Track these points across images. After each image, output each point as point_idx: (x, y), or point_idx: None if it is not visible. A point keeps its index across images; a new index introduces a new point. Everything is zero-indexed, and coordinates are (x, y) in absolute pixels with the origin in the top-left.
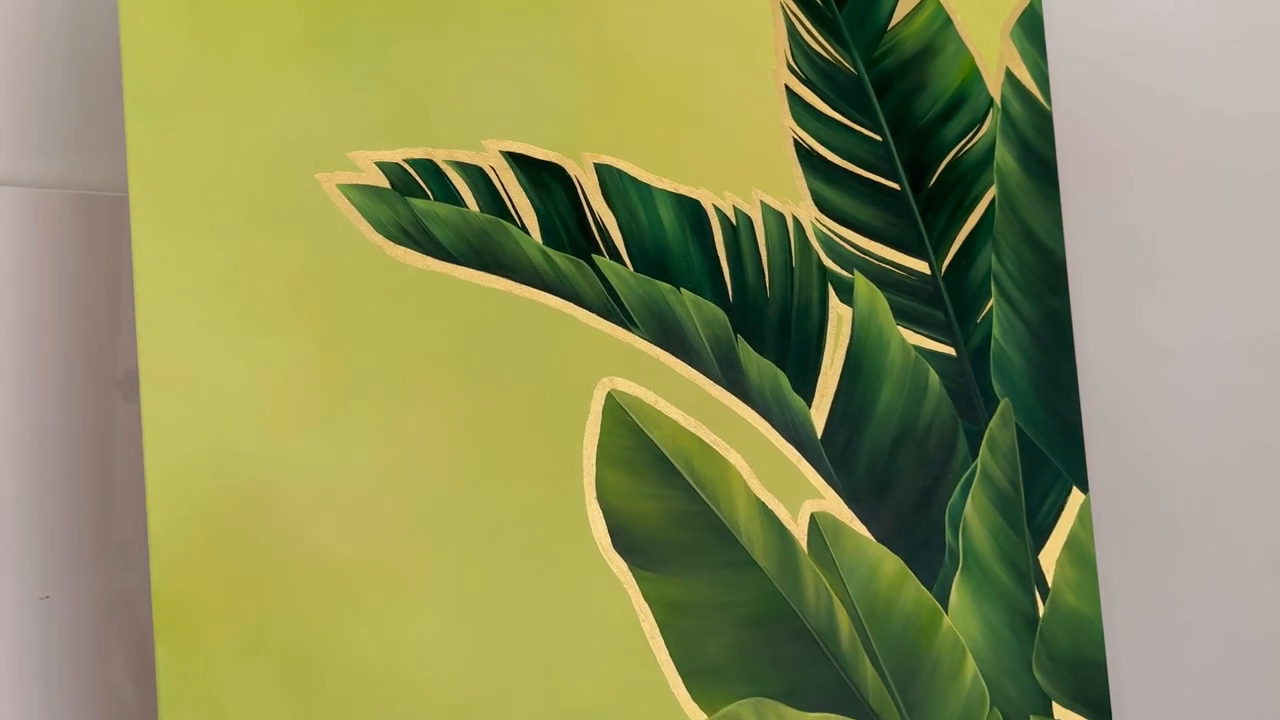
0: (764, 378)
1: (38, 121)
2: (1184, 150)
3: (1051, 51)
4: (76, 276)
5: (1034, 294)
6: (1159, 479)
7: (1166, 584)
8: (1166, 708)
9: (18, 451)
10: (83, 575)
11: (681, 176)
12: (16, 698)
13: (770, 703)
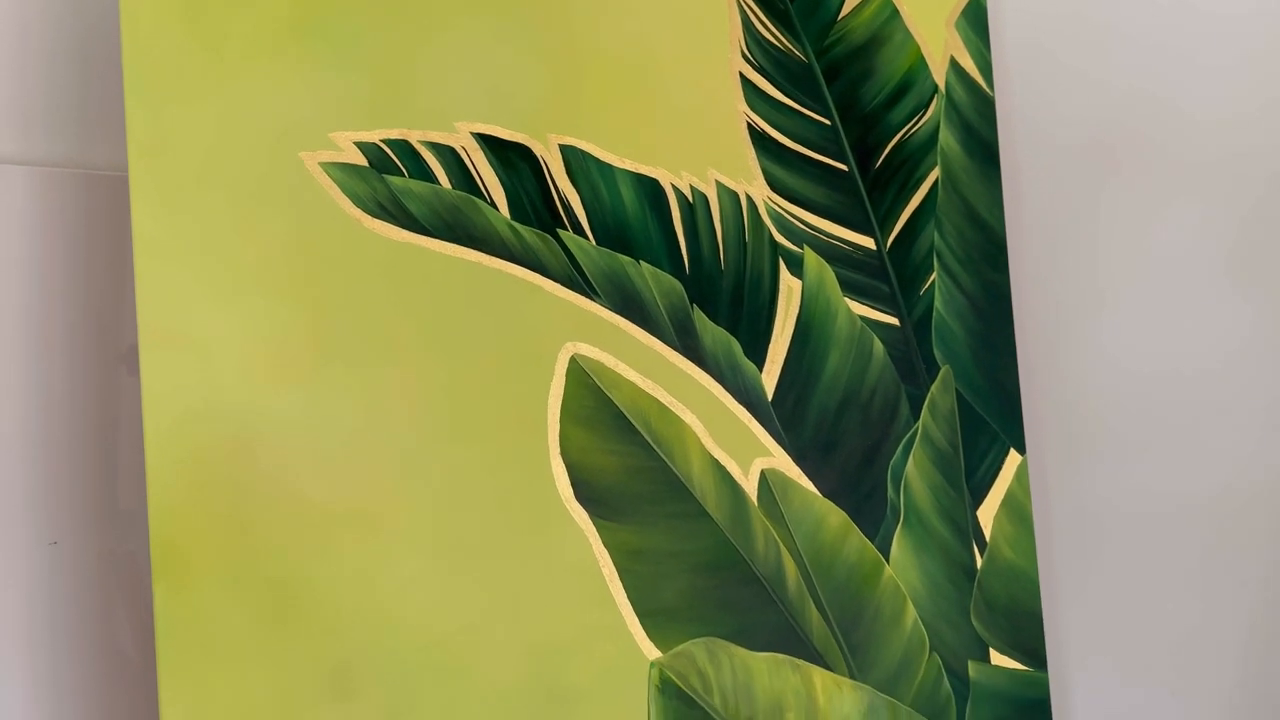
0: (718, 344)
1: (43, 104)
2: (1128, 134)
3: (1004, 39)
4: (81, 254)
5: (974, 268)
6: (1094, 440)
7: (1101, 540)
8: (1100, 655)
9: (27, 422)
10: (88, 538)
11: (641, 157)
12: (22, 643)
13: (721, 643)
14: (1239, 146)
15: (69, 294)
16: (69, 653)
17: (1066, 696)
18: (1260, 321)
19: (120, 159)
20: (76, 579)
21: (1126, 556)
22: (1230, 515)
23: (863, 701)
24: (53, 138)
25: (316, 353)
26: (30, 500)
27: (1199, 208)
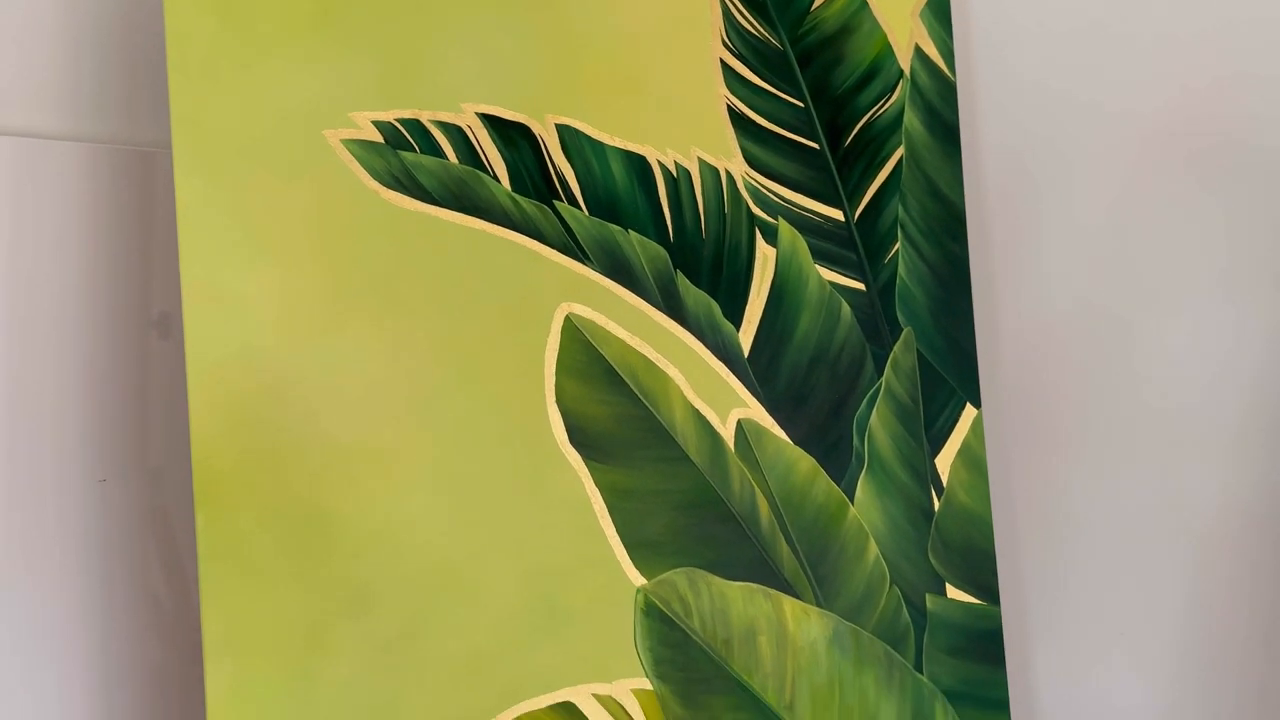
0: (699, 306)
1: (91, 86)
2: (1083, 115)
3: (968, 28)
4: (116, 225)
5: (935, 239)
6: (1045, 397)
7: (1051, 486)
8: (1049, 591)
9: (66, 383)
10: (122, 493)
11: (630, 136)
12: (73, 582)
13: (700, 572)
14: (1188, 122)
15: (107, 264)
16: (108, 600)
17: (1024, 629)
18: (1204, 275)
19: (152, 136)
20: (116, 529)
21: (1082, 502)
22: (1175, 460)
23: (828, 628)
24: (99, 116)
25: (339, 308)
26: (83, 441)
27: (1148, 182)
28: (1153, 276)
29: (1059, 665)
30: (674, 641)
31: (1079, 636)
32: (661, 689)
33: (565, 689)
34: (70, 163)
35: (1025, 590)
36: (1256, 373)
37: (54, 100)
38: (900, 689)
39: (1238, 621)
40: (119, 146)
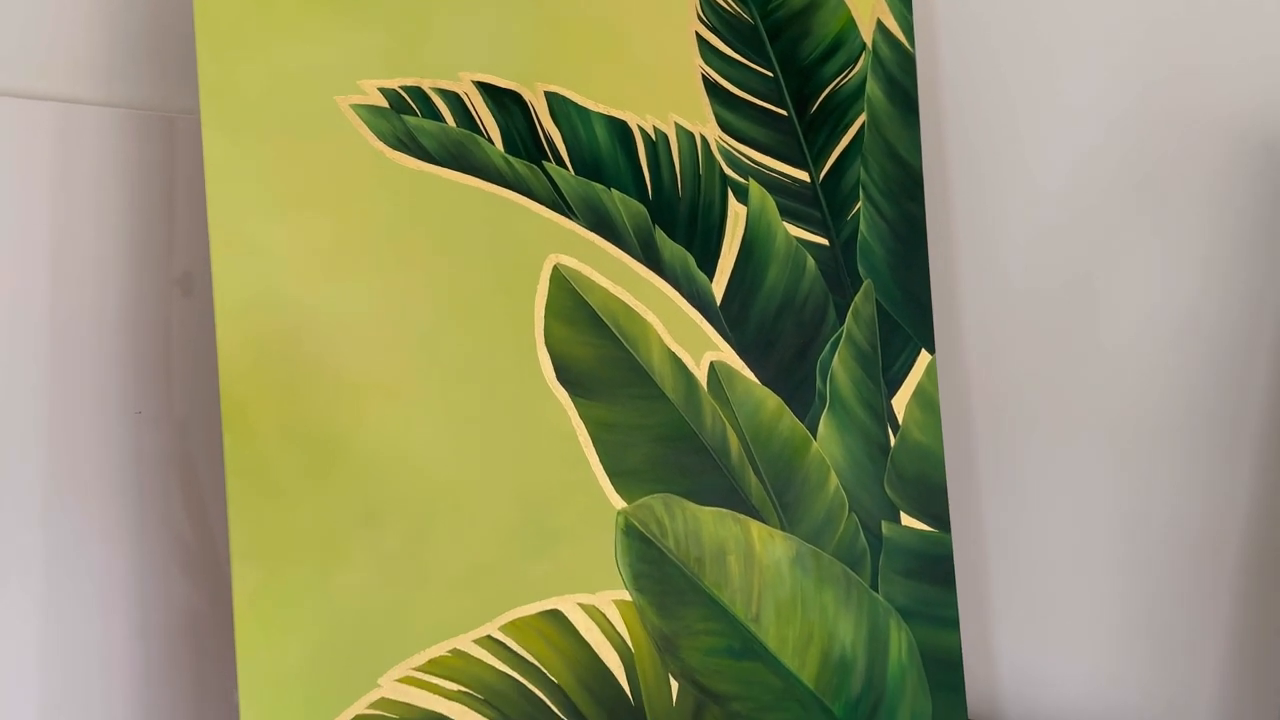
0: (675, 258)
1: (123, 54)
2: (1032, 82)
3: (935, 2)
4: (142, 188)
5: (894, 199)
6: (999, 347)
7: (1005, 424)
8: (997, 519)
9: (98, 335)
10: (149, 441)
11: (613, 102)
12: (112, 507)
13: (675, 498)
14: (1141, 91)
15: (136, 222)
16: (139, 541)
17: (981, 553)
18: (1150, 237)
19: (178, 103)
20: (144, 473)
21: (1034, 436)
22: (1117, 399)
23: (791, 549)
24: (129, 84)
25: (349, 257)
26: (120, 380)
27: (1093, 141)
28: (1102, 235)
29: (1013, 587)
30: (651, 559)
31: (1032, 559)
32: (640, 600)
33: (553, 598)
34: (104, 127)
35: (982, 519)
36: (1197, 319)
37: (89, 68)
38: (857, 606)
39: (1176, 534)
40: (144, 111)
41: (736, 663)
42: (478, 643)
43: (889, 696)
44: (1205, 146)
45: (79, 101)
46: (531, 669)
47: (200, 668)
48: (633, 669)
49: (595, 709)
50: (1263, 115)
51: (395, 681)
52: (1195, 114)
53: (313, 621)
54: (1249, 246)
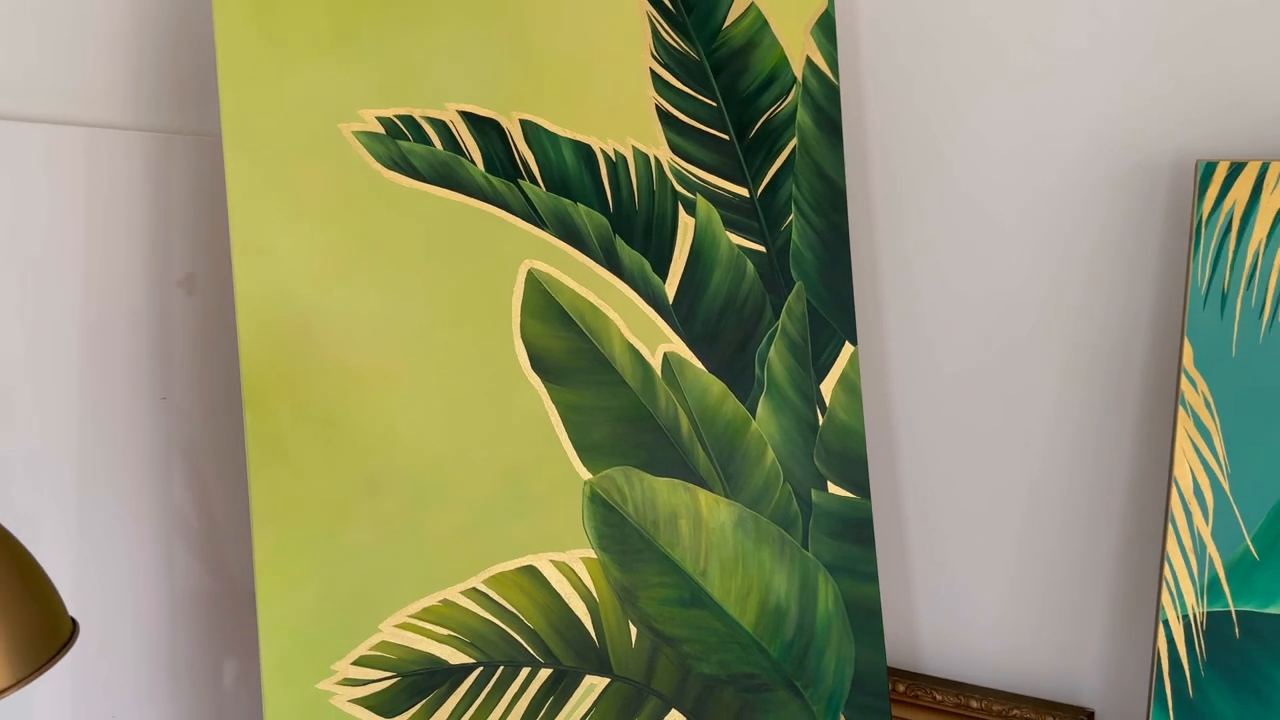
0: (633, 263)
1: (146, 87)
2: (943, 113)
3: (857, 42)
4: (149, 202)
5: (822, 212)
6: (917, 340)
7: (914, 408)
8: (913, 489)
9: (109, 329)
10: (151, 425)
11: (579, 128)
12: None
13: (634, 470)
14: (1023, 118)
15: (141, 232)
16: (136, 514)
17: (900, 518)
18: (1044, 245)
19: (169, 123)
20: (151, 458)
21: (944, 416)
22: (1018, 385)
23: (734, 514)
24: (157, 109)
25: (352, 261)
26: (140, 373)
27: (994, 162)
28: (1003, 242)
29: (928, 548)
30: (613, 522)
31: (944, 523)
32: (603, 557)
33: (529, 556)
34: (121, 148)
35: (900, 489)
36: (1085, 317)
37: (118, 98)
38: (790, 562)
39: (1067, 503)
40: (146, 133)
41: (686, 611)
42: (464, 594)
43: (818, 640)
44: (1088, 168)
45: (99, 125)
46: (511, 616)
47: (214, 633)
48: (598, 616)
49: (565, 650)
50: (1135, 142)
51: (394, 627)
52: (1080, 140)
53: (322, 575)
54: (1125, 254)
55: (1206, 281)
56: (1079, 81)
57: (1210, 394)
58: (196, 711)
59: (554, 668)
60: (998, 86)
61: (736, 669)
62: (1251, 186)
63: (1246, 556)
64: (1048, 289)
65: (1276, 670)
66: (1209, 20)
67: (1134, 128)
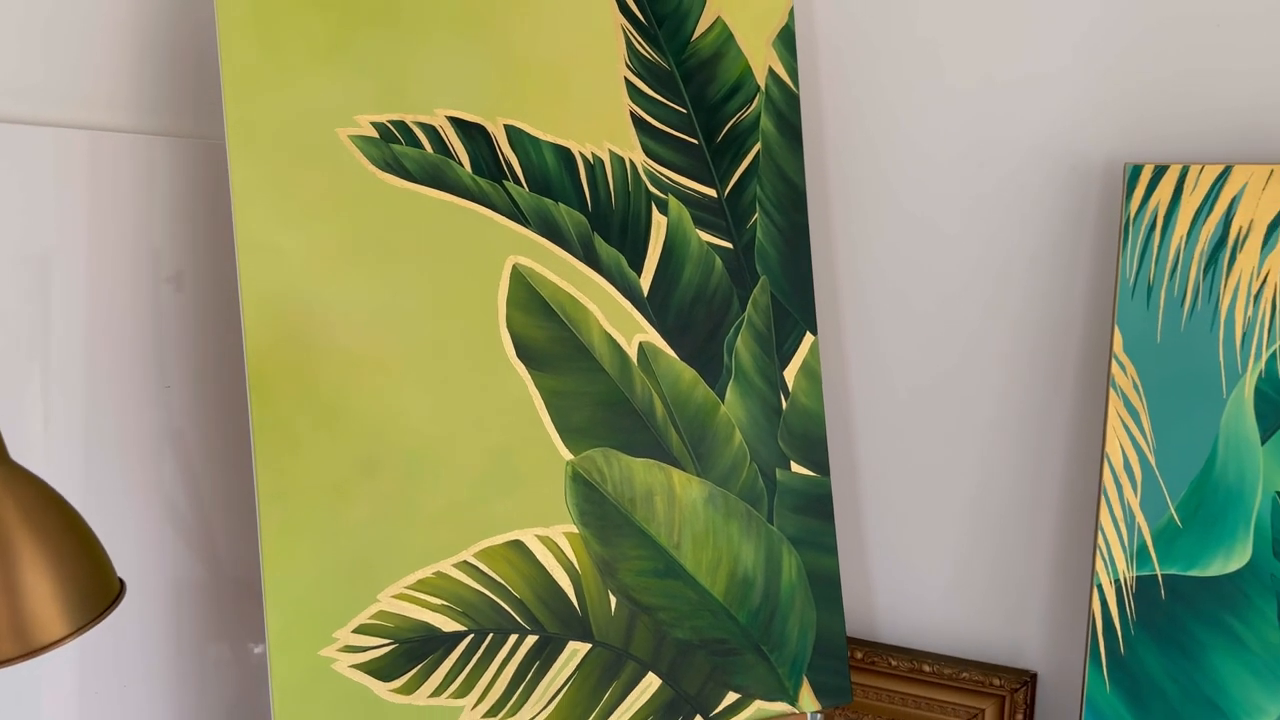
0: (610, 259)
1: (158, 92)
2: (893, 120)
3: (816, 53)
4: (144, 203)
5: (784, 211)
6: (872, 330)
7: (870, 393)
8: (870, 468)
9: (102, 324)
10: (144, 417)
11: (559, 133)
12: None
13: (613, 451)
14: (968, 123)
15: (144, 232)
16: (128, 506)
17: (856, 488)
18: (987, 243)
19: (189, 130)
20: (135, 451)
21: (898, 401)
22: (966, 374)
23: (705, 491)
24: (158, 114)
25: (350, 257)
26: (145, 357)
27: (940, 165)
28: (950, 241)
29: (883, 524)
30: (593, 499)
31: (898, 501)
32: (584, 532)
33: (516, 531)
34: (133, 152)
35: (857, 468)
36: (1026, 309)
37: (121, 103)
38: (757, 535)
39: (1012, 482)
40: (148, 137)
41: (661, 581)
42: (456, 566)
43: (782, 607)
44: (1027, 169)
45: (103, 129)
46: (499, 587)
47: (210, 617)
48: (580, 587)
49: (550, 618)
50: (1070, 148)
51: (391, 597)
52: (1020, 146)
53: (323, 549)
54: (1061, 250)
55: (1134, 275)
56: (1017, 93)
57: (1138, 377)
58: (200, 684)
59: (540, 635)
60: (943, 97)
61: (708, 634)
62: (1173, 188)
63: (1171, 525)
64: (991, 282)
65: (1198, 627)
66: (1138, 38)
67: (1069, 135)
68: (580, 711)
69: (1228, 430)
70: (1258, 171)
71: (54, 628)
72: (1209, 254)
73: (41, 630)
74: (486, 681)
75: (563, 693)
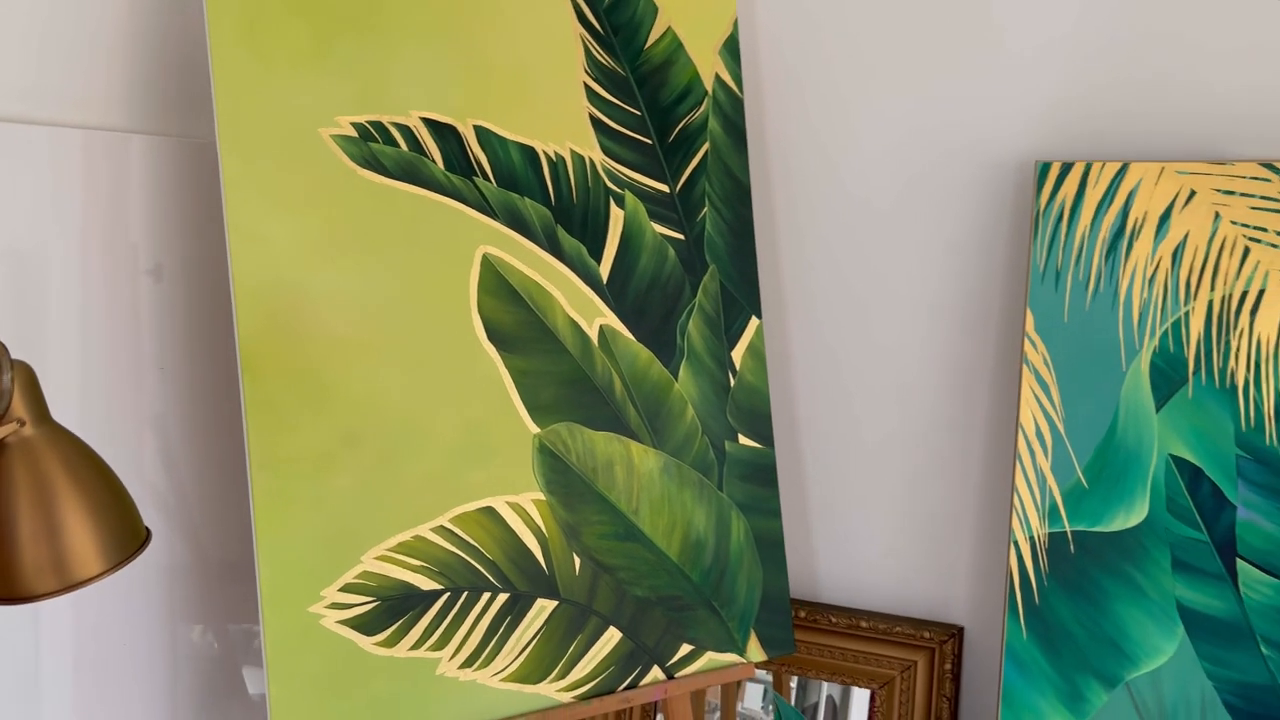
0: (573, 249)
1: (150, 92)
2: (833, 120)
3: (757, 60)
4: (108, 196)
5: (731, 206)
6: (812, 314)
7: (811, 371)
8: (811, 441)
9: (83, 317)
10: (125, 398)
11: (524, 134)
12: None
13: (576, 425)
14: (898, 125)
15: (119, 227)
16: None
17: (799, 460)
18: (912, 239)
19: (178, 130)
20: (121, 436)
21: (837, 379)
22: (898, 354)
23: (660, 461)
24: (149, 115)
25: (333, 247)
26: (134, 345)
27: (873, 164)
28: (882, 235)
29: (825, 491)
30: (559, 469)
31: (837, 470)
32: (551, 499)
33: (488, 498)
34: (127, 150)
35: (799, 441)
36: (949, 299)
37: (113, 104)
38: (708, 502)
39: (940, 450)
40: (139, 136)
41: (621, 544)
42: (433, 530)
43: (731, 567)
44: (952, 167)
45: (95, 128)
46: (473, 549)
47: (191, 598)
48: (547, 549)
49: (520, 578)
50: (989, 146)
51: (373, 559)
52: (942, 145)
53: (311, 515)
54: (981, 238)
55: (1044, 261)
56: (942, 94)
57: (1048, 353)
58: (184, 662)
59: (510, 592)
60: (877, 101)
61: (664, 592)
62: (1078, 183)
63: (1078, 486)
64: (918, 269)
65: (1103, 577)
66: (1048, 44)
67: (987, 133)
68: (548, 662)
69: (1127, 400)
70: (1151, 168)
71: (91, 565)
72: (1109, 242)
73: (80, 568)
74: (462, 635)
75: (532, 645)
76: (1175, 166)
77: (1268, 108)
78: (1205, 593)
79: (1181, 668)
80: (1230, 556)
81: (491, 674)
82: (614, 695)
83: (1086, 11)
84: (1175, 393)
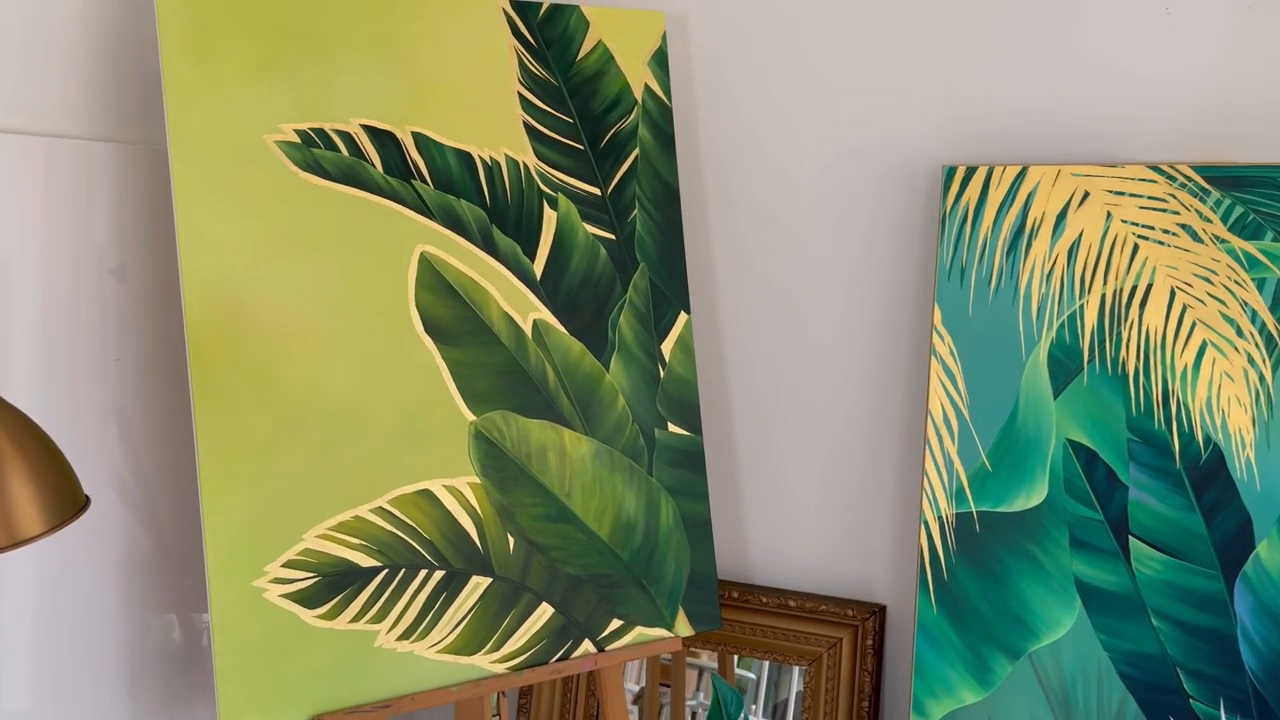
0: (508, 248)
1: (95, 102)
2: (763, 125)
3: (689, 69)
4: (86, 202)
5: (660, 208)
6: (741, 308)
7: (741, 364)
8: (741, 430)
9: (45, 317)
10: (88, 391)
11: (461, 139)
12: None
13: (510, 413)
14: (822, 133)
15: (81, 231)
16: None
17: (732, 449)
18: (833, 241)
19: (133, 137)
20: (84, 428)
21: (765, 371)
22: (821, 348)
23: (592, 448)
24: (106, 123)
25: (277, 247)
26: (93, 337)
27: (797, 169)
28: (804, 237)
29: (754, 479)
30: (494, 454)
31: (766, 458)
32: (486, 483)
33: (425, 481)
34: (88, 157)
35: (731, 429)
36: (868, 297)
37: (71, 113)
38: (638, 486)
39: (859, 443)
40: (98, 143)
41: (554, 525)
42: (373, 511)
43: (660, 547)
44: (868, 170)
45: (57, 136)
46: (410, 529)
47: (149, 585)
48: (482, 529)
49: (456, 556)
50: (902, 150)
51: (315, 537)
52: (862, 149)
53: (256, 495)
54: (896, 237)
55: (950, 259)
56: (860, 104)
57: (954, 345)
58: (143, 649)
59: (446, 570)
60: (799, 110)
61: (595, 570)
62: (981, 186)
63: (982, 469)
64: (839, 265)
65: (1005, 553)
66: (956, 61)
67: (901, 139)
68: (483, 635)
69: (1027, 388)
70: (1048, 171)
71: (34, 525)
72: (1010, 241)
73: (24, 526)
74: (400, 610)
75: (467, 619)
76: (1071, 169)
77: (1154, 112)
78: (1100, 568)
79: (1079, 639)
80: (1123, 534)
81: (428, 646)
82: (546, 666)
83: (990, 24)
84: (1071, 381)
